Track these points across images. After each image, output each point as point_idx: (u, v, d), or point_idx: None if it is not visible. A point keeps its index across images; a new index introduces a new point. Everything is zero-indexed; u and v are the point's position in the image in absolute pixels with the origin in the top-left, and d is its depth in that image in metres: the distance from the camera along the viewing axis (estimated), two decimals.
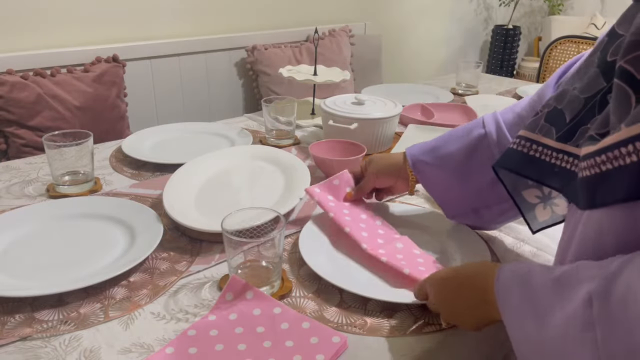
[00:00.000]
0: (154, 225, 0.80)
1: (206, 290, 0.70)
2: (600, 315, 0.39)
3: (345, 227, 0.78)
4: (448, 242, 0.80)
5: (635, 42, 0.43)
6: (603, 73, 0.50)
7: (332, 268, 0.71)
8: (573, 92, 0.54)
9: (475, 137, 0.75)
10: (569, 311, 0.42)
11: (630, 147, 0.41)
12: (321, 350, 0.57)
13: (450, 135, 0.79)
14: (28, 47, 1.59)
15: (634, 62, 0.43)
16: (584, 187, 0.47)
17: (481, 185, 0.75)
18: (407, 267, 0.70)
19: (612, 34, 0.51)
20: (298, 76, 1.40)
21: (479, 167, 0.74)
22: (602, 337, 0.39)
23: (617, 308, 0.38)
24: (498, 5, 3.28)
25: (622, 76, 0.44)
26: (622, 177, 0.42)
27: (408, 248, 0.76)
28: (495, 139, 0.73)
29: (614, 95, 0.45)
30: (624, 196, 0.42)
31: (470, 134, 0.76)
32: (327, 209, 0.81)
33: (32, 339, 0.60)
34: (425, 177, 0.80)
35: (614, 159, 0.43)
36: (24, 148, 1.47)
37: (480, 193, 0.76)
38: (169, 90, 1.88)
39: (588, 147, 0.46)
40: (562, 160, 0.54)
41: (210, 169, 0.99)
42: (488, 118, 0.76)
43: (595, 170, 0.45)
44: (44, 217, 0.84)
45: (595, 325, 0.39)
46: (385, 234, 0.80)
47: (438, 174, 0.78)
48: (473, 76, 1.74)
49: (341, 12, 2.39)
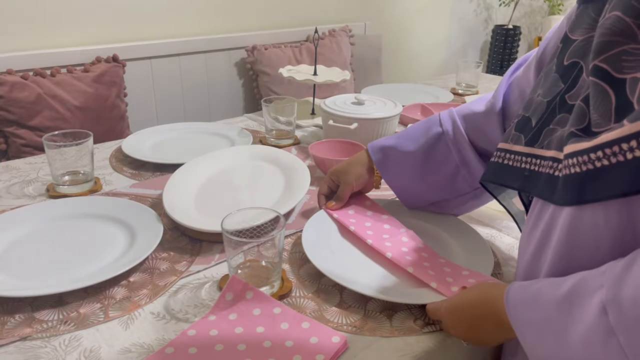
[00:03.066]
0: (154, 225, 0.80)
1: (206, 290, 0.70)
2: (617, 322, 0.40)
3: (350, 226, 0.79)
4: (450, 240, 0.80)
5: (606, 42, 0.46)
6: (561, 76, 0.54)
7: (335, 266, 0.71)
8: (537, 98, 0.57)
9: (433, 136, 0.79)
10: (587, 322, 0.43)
11: (633, 142, 0.42)
12: (321, 350, 0.57)
13: (408, 133, 0.82)
14: (28, 47, 1.59)
15: (607, 60, 0.45)
16: (569, 185, 0.48)
17: (439, 182, 0.80)
18: (411, 265, 0.70)
19: (566, 40, 0.55)
20: (298, 76, 1.40)
21: (437, 165, 0.79)
22: (625, 341, 0.40)
23: (631, 311, 0.40)
24: (498, 5, 3.27)
25: (598, 74, 0.46)
26: (622, 173, 0.42)
27: (412, 242, 0.77)
28: (451, 137, 0.77)
29: (592, 93, 0.46)
30: (622, 191, 0.43)
31: (428, 132, 0.80)
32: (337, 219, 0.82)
33: (32, 339, 0.60)
34: (387, 174, 0.83)
35: (613, 155, 0.43)
36: (24, 148, 1.47)
37: (438, 188, 0.81)
38: (169, 90, 1.87)
39: (575, 144, 0.47)
40: (530, 164, 0.56)
41: (210, 169, 0.99)
42: (445, 116, 0.80)
43: (587, 167, 0.46)
44: (44, 217, 0.84)
45: (615, 332, 0.40)
46: (390, 228, 0.80)
47: (399, 172, 0.82)
48: (473, 76, 1.74)
49: (341, 12, 2.38)
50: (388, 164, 0.82)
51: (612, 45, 0.45)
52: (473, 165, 0.76)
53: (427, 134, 0.79)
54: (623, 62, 0.44)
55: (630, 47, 0.44)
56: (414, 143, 0.80)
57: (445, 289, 0.66)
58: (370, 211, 0.85)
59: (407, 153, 0.80)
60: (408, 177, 0.81)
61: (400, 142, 0.82)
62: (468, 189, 0.80)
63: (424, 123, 0.82)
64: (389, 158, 0.82)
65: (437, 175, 0.79)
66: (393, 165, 0.82)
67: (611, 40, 0.45)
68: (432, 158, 0.79)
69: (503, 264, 0.77)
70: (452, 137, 0.77)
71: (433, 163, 0.79)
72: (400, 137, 0.83)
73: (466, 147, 0.76)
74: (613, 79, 0.44)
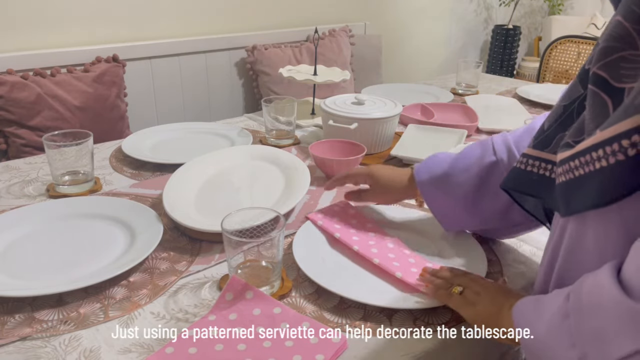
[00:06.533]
0: (154, 225, 0.80)
1: (206, 290, 0.70)
2: (572, 306, 0.44)
3: (335, 233, 0.79)
4: (445, 245, 0.79)
5: (605, 48, 0.44)
6: (580, 81, 0.51)
7: (329, 273, 0.71)
8: (558, 103, 0.55)
9: (486, 165, 0.72)
10: (554, 306, 0.46)
11: (600, 151, 0.41)
12: (321, 350, 0.57)
13: (459, 160, 0.75)
14: (28, 47, 1.59)
15: (606, 67, 0.43)
16: (561, 193, 0.47)
17: (491, 213, 0.73)
18: (399, 270, 0.70)
19: (596, 46, 0.53)
20: (298, 76, 1.40)
21: (490, 196, 0.72)
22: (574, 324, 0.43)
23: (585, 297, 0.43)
24: (498, 5, 3.27)
25: (596, 82, 0.44)
26: (593, 183, 0.42)
27: (399, 248, 0.77)
28: (507, 166, 0.70)
29: (588, 102, 0.45)
30: (593, 203, 0.43)
31: (481, 161, 0.73)
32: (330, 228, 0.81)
33: (32, 339, 0.60)
34: (432, 203, 0.77)
35: (586, 163, 0.43)
36: (24, 148, 1.47)
37: (489, 218, 0.74)
38: (169, 90, 1.87)
39: (563, 152, 0.47)
40: (539, 168, 0.54)
41: (210, 169, 0.99)
42: (499, 143, 0.73)
43: (569, 176, 0.45)
44: (44, 217, 0.84)
45: (569, 315, 0.43)
46: (375, 236, 0.79)
47: (446, 202, 0.76)
48: (473, 76, 1.74)
49: (341, 12, 2.39)
50: (434, 196, 0.76)
51: (611, 51, 0.43)
52: None
53: (480, 163, 0.72)
54: (622, 70, 0.43)
55: (629, 53, 0.42)
56: (464, 173, 0.73)
57: None
58: (354, 219, 0.84)
59: (457, 184, 0.74)
60: (456, 208, 0.75)
61: (450, 171, 0.75)
62: (522, 220, 0.72)
63: (477, 150, 0.75)
64: (436, 189, 0.75)
65: (490, 205, 0.72)
66: (440, 197, 0.76)
67: (610, 45, 0.44)
68: (485, 189, 0.72)
69: (503, 264, 0.77)
70: (507, 166, 0.70)
71: (486, 194, 0.72)
72: (450, 166, 0.75)
73: None
74: (611, 88, 0.43)
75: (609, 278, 0.41)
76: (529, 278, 0.75)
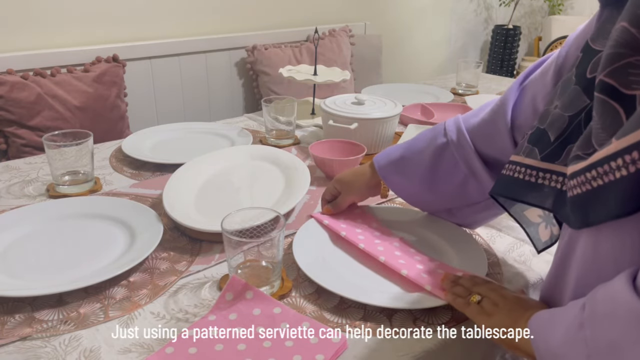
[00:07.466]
0: (154, 225, 0.80)
1: (206, 290, 0.70)
2: (588, 316, 0.43)
3: (341, 232, 0.79)
4: (446, 245, 0.79)
5: (613, 54, 0.43)
6: (585, 90, 0.50)
7: (329, 273, 0.71)
8: (555, 110, 0.54)
9: (438, 146, 0.76)
10: (570, 316, 0.45)
11: (619, 160, 0.40)
12: (321, 350, 0.57)
13: (414, 144, 0.80)
14: (28, 47, 1.59)
15: (614, 74, 0.43)
16: (575, 206, 0.47)
17: (449, 191, 0.78)
18: (405, 268, 0.70)
19: (587, 50, 0.52)
20: (298, 76, 1.40)
21: (444, 175, 0.76)
22: (590, 335, 0.42)
23: (600, 307, 0.42)
24: (498, 5, 3.27)
25: (605, 90, 0.43)
26: (614, 193, 0.42)
27: (404, 246, 0.77)
28: (457, 146, 0.75)
29: (597, 110, 0.44)
30: (613, 213, 0.42)
31: (433, 142, 0.77)
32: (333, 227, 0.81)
33: (32, 339, 0.60)
34: (394, 186, 0.81)
35: (604, 174, 0.42)
36: (24, 148, 1.47)
37: (449, 197, 0.79)
38: (169, 90, 1.87)
39: (575, 165, 0.46)
40: (550, 180, 0.54)
41: (211, 169, 0.99)
42: (450, 125, 0.77)
43: (586, 187, 0.45)
44: (44, 217, 0.84)
45: (584, 326, 0.43)
46: (381, 235, 0.80)
47: (406, 184, 0.80)
48: (473, 76, 1.74)
49: (341, 12, 2.38)
50: (394, 180, 0.80)
51: (618, 58, 0.43)
52: (481, 174, 0.73)
53: (432, 144, 0.77)
54: (630, 77, 0.42)
55: (636, 59, 0.42)
56: (419, 155, 0.78)
57: (440, 292, 0.66)
58: (360, 219, 0.84)
59: (413, 166, 0.78)
60: (416, 188, 0.80)
61: (406, 154, 0.79)
62: (480, 198, 0.76)
63: (429, 132, 0.79)
64: (395, 172, 0.80)
65: (446, 185, 0.77)
66: (400, 180, 0.80)
67: (617, 52, 0.43)
68: (439, 169, 0.76)
69: (503, 263, 0.77)
70: (457, 146, 0.74)
71: (440, 174, 0.76)
72: (405, 149, 0.80)
73: (473, 157, 0.73)
74: (621, 95, 0.42)
75: (624, 285, 0.41)
76: (529, 278, 0.75)
